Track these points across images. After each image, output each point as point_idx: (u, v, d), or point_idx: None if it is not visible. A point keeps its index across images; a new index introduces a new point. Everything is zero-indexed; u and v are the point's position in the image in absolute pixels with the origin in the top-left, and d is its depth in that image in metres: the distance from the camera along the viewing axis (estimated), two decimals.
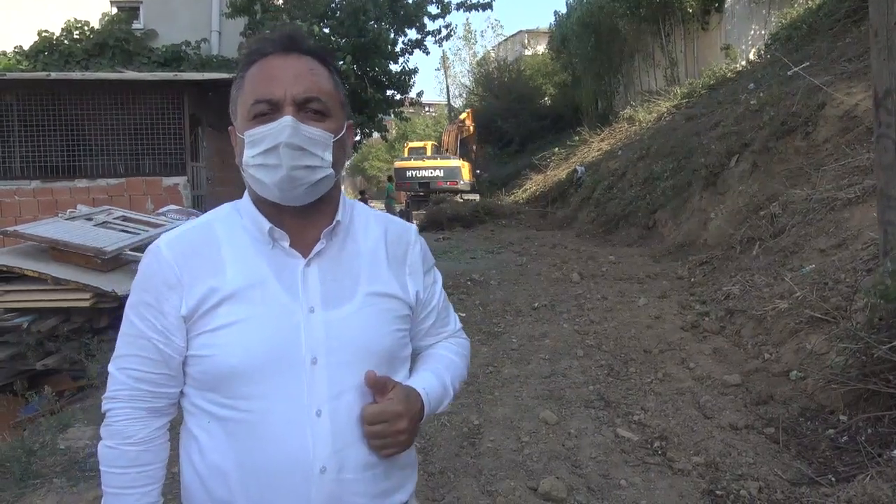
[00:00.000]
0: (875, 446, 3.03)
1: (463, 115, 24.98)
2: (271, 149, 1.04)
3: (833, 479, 2.99)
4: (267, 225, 1.10)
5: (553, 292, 6.96)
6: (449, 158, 22.04)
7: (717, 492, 2.97)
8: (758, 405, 3.89)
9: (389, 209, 17.87)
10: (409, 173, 20.80)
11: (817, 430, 3.47)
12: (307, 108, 1.08)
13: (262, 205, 1.12)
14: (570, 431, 3.68)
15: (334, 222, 1.13)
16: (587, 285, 7.20)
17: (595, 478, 3.18)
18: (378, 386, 1.09)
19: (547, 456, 3.40)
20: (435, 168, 21.40)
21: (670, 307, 5.93)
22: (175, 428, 1.18)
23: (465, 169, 21.97)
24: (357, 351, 1.09)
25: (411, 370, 1.25)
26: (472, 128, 24.27)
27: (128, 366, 1.11)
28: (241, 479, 1.06)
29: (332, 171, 1.10)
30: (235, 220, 1.15)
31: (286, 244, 1.10)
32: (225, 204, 1.20)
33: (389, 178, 19.34)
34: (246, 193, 1.16)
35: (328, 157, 1.08)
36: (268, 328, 1.06)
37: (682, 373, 4.49)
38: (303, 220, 1.12)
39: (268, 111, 1.06)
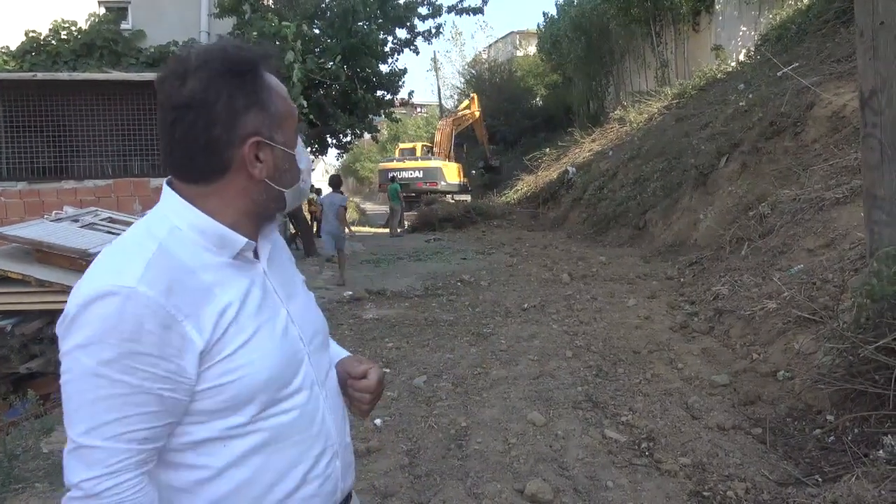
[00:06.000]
0: (861, 446, 3.04)
1: (465, 103, 24.44)
2: (309, 168, 1.20)
3: (819, 479, 2.98)
4: (242, 240, 1.07)
5: (543, 293, 6.95)
6: (430, 159, 22.10)
7: (704, 493, 2.96)
8: (745, 405, 3.89)
9: (393, 210, 17.74)
10: (390, 174, 20.90)
11: (804, 430, 3.47)
12: None
13: (248, 218, 1.10)
14: (557, 433, 3.66)
15: (275, 223, 1.20)
16: (577, 286, 7.20)
17: (582, 479, 3.16)
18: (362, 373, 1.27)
19: (534, 458, 3.38)
20: (415, 169, 21.47)
21: (659, 307, 5.94)
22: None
23: (447, 169, 21.89)
24: (319, 334, 1.21)
25: None
26: (477, 113, 23.77)
27: (126, 429, 0.95)
28: (280, 485, 1.07)
29: None
30: (186, 238, 1.05)
31: (250, 254, 1.12)
32: (148, 225, 1.06)
33: (393, 179, 19.25)
34: (185, 208, 1.06)
35: None
36: (276, 332, 1.09)
37: (671, 373, 4.49)
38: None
39: None
